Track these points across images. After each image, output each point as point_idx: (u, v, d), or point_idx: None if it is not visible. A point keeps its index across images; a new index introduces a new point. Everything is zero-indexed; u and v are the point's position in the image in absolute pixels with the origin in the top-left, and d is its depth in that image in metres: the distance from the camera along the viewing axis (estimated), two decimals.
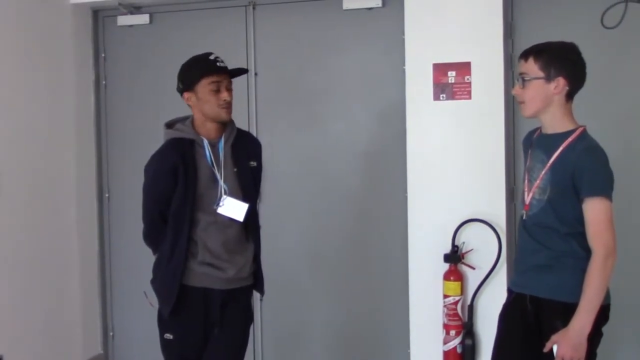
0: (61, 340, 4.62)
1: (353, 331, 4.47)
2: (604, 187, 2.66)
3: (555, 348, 2.69)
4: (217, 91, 3.09)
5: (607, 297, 2.73)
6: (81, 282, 4.77)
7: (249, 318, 3.34)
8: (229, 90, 3.14)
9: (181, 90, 3.15)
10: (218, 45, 3.96)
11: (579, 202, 2.67)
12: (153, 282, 3.23)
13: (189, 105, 3.16)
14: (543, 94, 2.76)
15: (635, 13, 3.12)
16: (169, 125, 3.21)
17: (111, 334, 4.95)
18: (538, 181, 2.77)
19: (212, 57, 3.13)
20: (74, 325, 4.73)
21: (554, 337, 2.69)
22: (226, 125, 3.18)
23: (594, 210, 2.64)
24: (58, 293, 4.59)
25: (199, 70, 3.11)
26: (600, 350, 2.78)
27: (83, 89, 4.79)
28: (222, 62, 3.13)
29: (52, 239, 4.54)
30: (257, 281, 3.31)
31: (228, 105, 3.12)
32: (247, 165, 3.23)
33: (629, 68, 3.92)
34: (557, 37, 2.89)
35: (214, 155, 3.12)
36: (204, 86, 3.08)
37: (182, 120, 3.21)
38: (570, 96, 2.78)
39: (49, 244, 4.50)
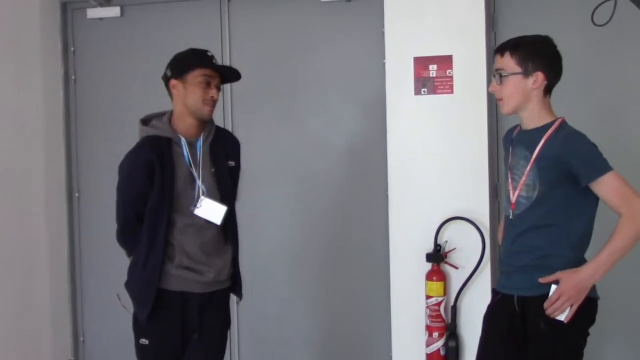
0: (30, 346, 4.57)
1: (334, 334, 4.47)
2: (603, 163, 2.69)
3: (553, 287, 2.70)
4: (207, 87, 3.09)
5: (595, 291, 2.76)
6: (51, 285, 4.73)
7: (227, 323, 3.34)
8: (218, 89, 3.15)
9: (168, 78, 3.14)
10: (192, 39, 3.94)
11: (576, 189, 2.70)
12: (127, 285, 3.21)
13: (170, 96, 3.15)
14: (522, 89, 2.77)
15: (623, 9, 3.14)
16: (145, 121, 3.19)
17: (82, 339, 4.92)
18: (524, 178, 2.79)
19: (210, 54, 3.15)
20: (43, 331, 4.69)
21: (558, 273, 2.70)
22: (205, 123, 3.17)
23: (607, 187, 2.68)
24: (26, 297, 4.55)
25: (195, 60, 3.11)
26: (590, 350, 2.81)
27: (51, 84, 4.75)
28: (217, 62, 3.16)
29: (20, 241, 4.50)
30: (235, 285, 3.31)
31: (213, 104, 3.12)
32: (225, 166, 3.23)
33: (614, 62, 3.94)
34: (541, 30, 2.92)
35: (191, 154, 3.12)
36: (196, 77, 3.08)
37: (159, 116, 3.19)
38: (548, 90, 2.81)
39: (16, 246, 4.46)
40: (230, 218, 3.22)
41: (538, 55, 2.77)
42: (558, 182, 2.73)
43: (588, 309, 2.74)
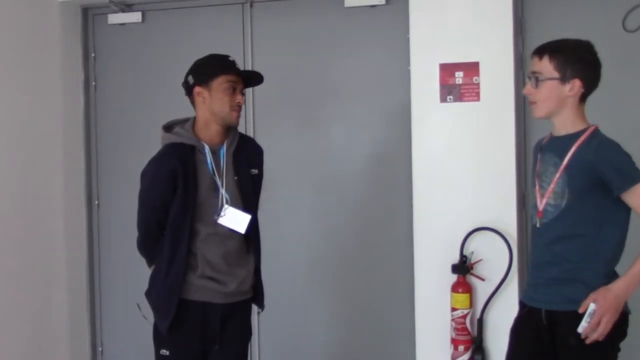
0: (48, 356, 4.59)
1: (356, 346, 4.45)
2: (636, 172, 2.67)
3: (590, 308, 2.64)
4: (233, 92, 3.10)
5: (626, 306, 2.72)
6: (69, 294, 4.75)
7: (248, 334, 3.35)
8: (243, 94, 3.16)
9: (191, 85, 3.14)
10: (214, 44, 3.95)
11: (607, 199, 2.67)
12: (148, 294, 3.21)
13: (192, 103, 3.16)
14: (557, 95, 2.75)
15: None
16: (167, 128, 3.20)
17: (100, 349, 4.93)
18: (552, 185, 2.76)
19: (231, 59, 3.17)
20: (61, 341, 4.70)
21: (591, 296, 2.65)
22: (229, 130, 3.18)
23: (639, 197, 2.65)
24: (44, 306, 4.58)
25: (219, 66, 3.12)
26: None
27: (72, 90, 4.78)
28: (239, 67, 3.18)
29: (39, 250, 4.52)
30: (257, 295, 3.31)
31: (239, 109, 3.13)
32: (248, 173, 3.24)
33: None
34: (569, 35, 2.89)
35: (215, 162, 3.12)
36: (221, 83, 3.09)
37: (182, 123, 3.20)
38: (584, 98, 2.78)
39: (34, 254, 4.48)
40: (253, 227, 3.22)
41: (577, 61, 2.74)
42: (588, 191, 2.70)
43: (619, 323, 2.70)
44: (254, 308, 3.39)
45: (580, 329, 2.65)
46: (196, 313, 3.11)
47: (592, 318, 2.64)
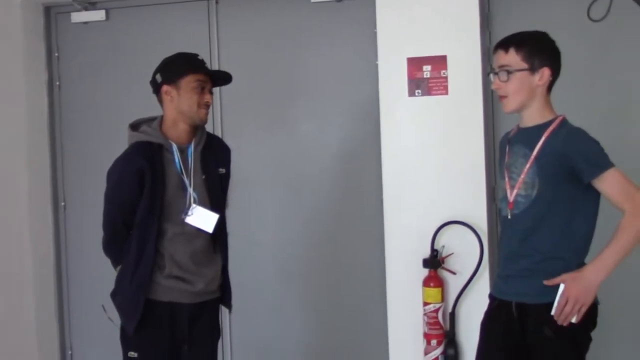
0: None
1: (328, 343, 4.45)
2: (605, 159, 2.70)
3: (560, 289, 2.69)
4: (201, 91, 3.10)
5: (595, 296, 2.74)
6: (36, 298, 4.71)
7: (217, 333, 3.34)
8: (211, 93, 3.17)
9: (159, 84, 3.13)
10: (180, 42, 3.95)
11: (578, 188, 2.70)
12: (113, 295, 3.20)
13: (160, 102, 3.15)
14: (527, 85, 2.78)
15: (619, 4, 3.16)
16: (134, 127, 3.18)
17: (70, 352, 4.90)
18: (523, 176, 2.78)
19: (200, 58, 3.16)
20: (29, 345, 4.66)
21: (563, 276, 2.69)
22: (197, 129, 3.17)
23: (609, 184, 2.68)
24: (11, 310, 4.52)
25: (187, 65, 3.12)
26: (592, 354, 2.81)
27: (35, 90, 4.73)
28: (207, 66, 3.19)
29: (4, 253, 4.47)
30: (224, 295, 3.30)
31: (207, 108, 3.13)
32: (216, 173, 3.24)
33: (611, 60, 3.95)
34: (536, 27, 2.92)
35: (182, 161, 3.11)
36: (189, 82, 3.09)
37: (148, 121, 3.18)
38: (550, 87, 2.82)
39: (0, 258, 4.43)
40: (221, 226, 3.22)
41: (543, 51, 2.79)
42: (558, 180, 2.72)
43: (590, 313, 2.73)
44: (223, 308, 3.39)
45: (552, 311, 2.69)
46: (164, 313, 3.10)
47: (560, 298, 2.68)
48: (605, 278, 2.68)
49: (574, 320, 2.69)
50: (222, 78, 3.32)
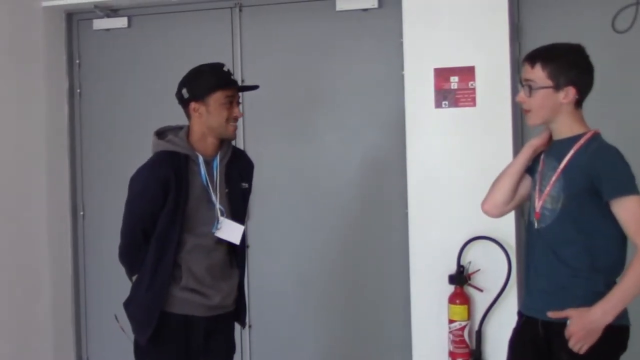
0: None
1: None
2: (629, 184, 2.64)
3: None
4: (230, 105, 3.09)
5: (626, 318, 2.69)
6: (53, 307, 4.72)
7: (232, 348, 3.33)
8: (239, 104, 3.17)
9: (187, 100, 3.10)
10: (202, 50, 3.94)
11: (603, 206, 2.64)
12: (127, 306, 3.18)
13: (187, 116, 3.14)
14: (551, 103, 2.73)
15: None
16: (160, 134, 3.17)
17: None
18: (549, 188, 2.74)
19: (226, 69, 3.14)
20: (45, 354, 4.66)
21: (569, 311, 2.65)
22: (223, 142, 3.17)
23: (627, 210, 2.62)
24: (28, 319, 4.54)
25: (215, 81, 3.09)
26: None
27: (56, 98, 4.76)
28: (234, 77, 3.18)
29: (22, 261, 4.48)
30: (239, 311, 3.29)
31: (237, 121, 3.14)
32: (239, 187, 3.24)
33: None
34: (566, 38, 2.87)
35: (208, 173, 3.11)
36: (218, 99, 3.07)
37: (175, 130, 3.18)
38: (579, 103, 2.77)
39: (18, 266, 4.44)
40: (240, 241, 3.21)
41: (570, 68, 2.71)
42: (582, 196, 2.67)
43: (616, 337, 2.67)
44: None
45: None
46: (178, 326, 3.09)
47: (566, 331, 2.65)
48: (612, 319, 2.61)
49: (583, 349, 2.64)
50: (249, 88, 3.34)
